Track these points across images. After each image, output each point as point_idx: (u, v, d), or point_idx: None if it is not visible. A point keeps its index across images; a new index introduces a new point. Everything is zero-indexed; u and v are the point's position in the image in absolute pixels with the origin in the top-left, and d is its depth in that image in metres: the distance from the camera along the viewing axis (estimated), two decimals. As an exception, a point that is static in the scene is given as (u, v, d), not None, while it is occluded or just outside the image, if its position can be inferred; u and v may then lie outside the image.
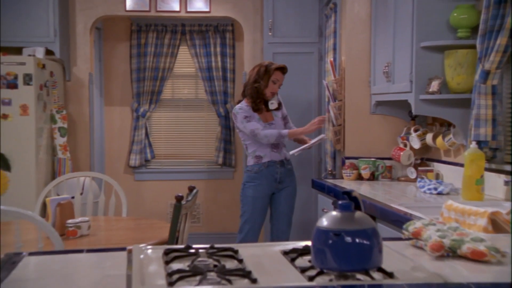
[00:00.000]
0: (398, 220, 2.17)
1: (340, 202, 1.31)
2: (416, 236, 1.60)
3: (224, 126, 5.08)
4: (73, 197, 3.20)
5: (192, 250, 1.50)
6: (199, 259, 1.41)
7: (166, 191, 5.04)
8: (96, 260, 1.48)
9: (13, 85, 3.72)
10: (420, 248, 1.56)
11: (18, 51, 3.99)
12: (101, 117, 5.05)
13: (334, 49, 3.73)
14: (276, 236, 3.49)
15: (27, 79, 3.74)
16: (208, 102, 5.11)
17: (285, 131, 3.36)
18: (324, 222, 1.27)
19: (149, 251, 1.55)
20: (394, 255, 1.44)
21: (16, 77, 3.72)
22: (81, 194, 3.51)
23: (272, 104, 3.42)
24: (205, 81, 5.06)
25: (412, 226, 1.64)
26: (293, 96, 4.39)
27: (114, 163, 5.11)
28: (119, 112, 5.11)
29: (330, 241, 1.21)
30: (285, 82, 4.45)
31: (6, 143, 3.72)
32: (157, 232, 2.57)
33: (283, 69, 3.45)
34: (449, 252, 1.45)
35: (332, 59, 3.71)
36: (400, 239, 1.68)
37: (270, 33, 4.36)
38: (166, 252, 1.50)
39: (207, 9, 4.53)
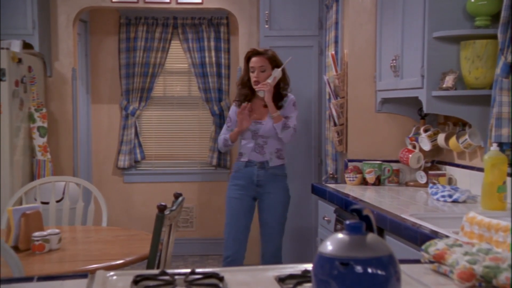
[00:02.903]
0: (411, 234, 1.90)
1: (348, 222, 1.05)
2: (438, 259, 1.35)
3: (219, 125, 4.86)
4: (47, 203, 2.94)
5: (167, 277, 1.25)
6: (175, 289, 1.19)
7: (157, 194, 4.84)
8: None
9: (-16, 81, 3.45)
10: (444, 274, 1.33)
11: (-8, 44, 3.72)
12: (88, 115, 4.82)
13: (336, 41, 3.49)
14: (262, 248, 3.27)
15: (0, 74, 3.46)
16: (202, 100, 4.92)
17: (228, 135, 3.21)
18: (328, 247, 1.02)
19: (114, 277, 1.31)
20: (413, 284, 1.21)
21: (-12, 72, 3.44)
22: (61, 200, 3.23)
23: (260, 93, 3.12)
24: (198, 78, 4.87)
25: (433, 248, 1.39)
26: (292, 93, 4.13)
27: (102, 164, 4.89)
28: (107, 110, 4.90)
29: (336, 272, 0.97)
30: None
31: (-24, 143, 3.45)
32: (137, 246, 2.31)
33: (252, 54, 3.16)
34: (482, 282, 1.21)
35: (333, 52, 3.47)
36: (417, 261, 1.43)
37: (266, 26, 4.12)
38: (136, 281, 1.25)
39: (199, 0, 4.29)
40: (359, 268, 0.95)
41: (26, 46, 3.84)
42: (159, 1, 4.26)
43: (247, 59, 3.18)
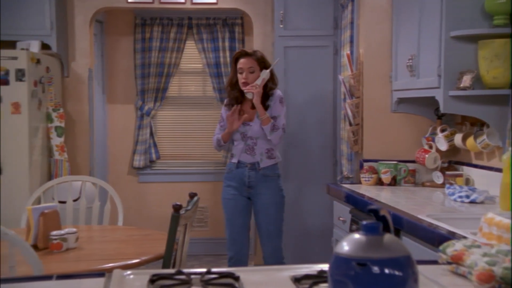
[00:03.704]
0: (427, 235, 1.88)
1: (364, 222, 1.04)
2: (456, 260, 1.34)
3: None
4: (64, 202, 2.97)
5: (184, 276, 1.26)
6: (192, 288, 1.18)
7: (172, 194, 4.85)
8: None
9: (4, 81, 3.50)
10: (462, 276, 1.31)
11: (11, 45, 3.77)
12: (103, 115, 4.86)
13: (351, 41, 3.47)
14: (262, 250, 3.24)
15: (19, 74, 3.51)
16: (216, 100, 4.92)
17: (220, 135, 3.19)
18: (344, 247, 1.01)
19: (131, 277, 1.31)
20: (431, 285, 1.20)
21: (7, 72, 3.50)
22: (77, 199, 3.27)
23: (248, 95, 3.08)
24: (212, 78, 4.87)
25: (451, 249, 1.37)
26: (306, 93, 4.15)
27: (117, 164, 4.92)
28: (122, 110, 4.93)
29: (353, 272, 0.96)
30: (297, 78, 4.25)
31: (-3, 143, 3.50)
32: (152, 246, 2.32)
33: (240, 55, 3.12)
34: (501, 284, 1.20)
35: (349, 52, 3.45)
36: (435, 262, 1.42)
37: (281, 26, 4.12)
38: (152, 280, 1.25)
39: (214, 0, 4.30)
40: (376, 269, 0.94)
41: (44, 46, 3.89)
42: (174, 1, 4.28)
43: (235, 60, 3.13)
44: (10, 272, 1.72)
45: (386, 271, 0.95)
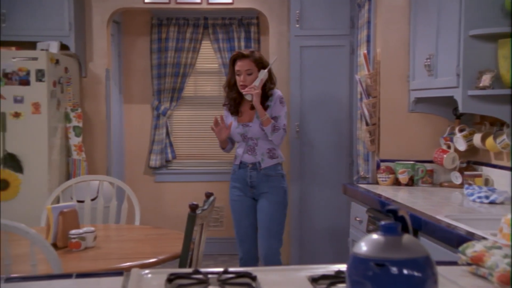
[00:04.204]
0: (446, 236, 1.86)
1: (383, 223, 1.04)
2: (476, 262, 1.33)
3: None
4: (82, 202, 3.00)
5: (201, 276, 1.26)
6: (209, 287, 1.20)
7: (187, 193, 4.87)
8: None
9: (25, 82, 3.55)
10: (483, 277, 1.30)
11: (32, 45, 3.83)
12: (120, 115, 4.89)
13: (368, 41, 3.45)
14: (260, 249, 3.16)
15: (39, 75, 3.56)
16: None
17: (219, 142, 3.22)
18: (363, 248, 1.01)
19: (149, 276, 1.32)
20: (450, 286, 1.20)
21: (28, 73, 3.55)
22: (95, 198, 3.30)
23: (247, 96, 3.04)
24: (228, 78, 4.86)
25: (471, 250, 1.36)
26: (322, 92, 4.13)
27: (134, 163, 4.95)
28: (139, 110, 4.96)
29: (371, 273, 0.96)
30: (313, 78, 4.24)
31: (17, 143, 3.56)
32: (169, 245, 2.33)
33: (237, 57, 3.07)
34: None
35: (365, 51, 3.43)
36: (454, 263, 1.40)
37: (297, 25, 4.11)
38: (170, 279, 1.26)
39: (230, 0, 4.30)
40: (394, 269, 0.94)
41: (63, 47, 3.93)
42: (190, 2, 4.29)
43: (233, 62, 3.09)
44: (32, 271, 1.74)
45: (405, 271, 0.94)
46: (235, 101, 3.12)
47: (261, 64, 3.08)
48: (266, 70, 3.06)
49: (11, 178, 3.55)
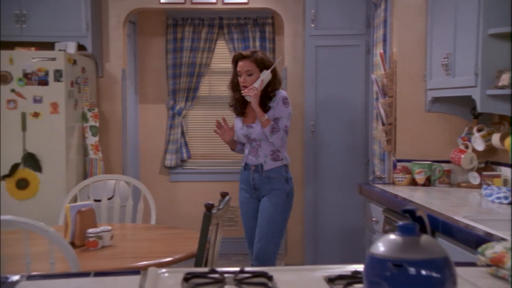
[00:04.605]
0: (464, 237, 1.84)
1: (400, 223, 1.03)
2: (496, 263, 1.31)
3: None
4: (99, 201, 3.03)
5: (217, 275, 1.26)
6: (225, 287, 1.21)
7: (202, 193, 4.89)
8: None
9: (44, 82, 3.60)
10: (503, 278, 1.29)
11: (50, 46, 3.88)
12: (136, 115, 4.92)
13: (384, 40, 3.43)
14: (254, 250, 3.07)
15: (58, 75, 3.60)
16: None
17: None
18: (380, 248, 1.00)
19: (166, 275, 1.32)
20: None
21: (47, 73, 3.60)
22: (111, 197, 3.33)
23: (247, 97, 2.97)
24: (243, 77, 4.86)
25: (490, 251, 1.34)
26: (337, 92, 4.12)
27: (149, 163, 4.98)
28: (154, 110, 4.98)
29: (389, 273, 0.95)
30: (329, 78, 4.22)
31: (36, 142, 3.60)
32: (185, 244, 2.34)
33: (238, 58, 3.00)
34: None
35: (382, 51, 3.41)
36: (473, 264, 1.39)
37: (312, 25, 4.09)
38: (186, 278, 1.26)
39: (245, 0, 4.31)
40: (412, 270, 0.93)
41: (80, 48, 3.97)
42: (206, 2, 4.30)
43: (235, 62, 3.03)
44: (50, 269, 1.76)
45: (423, 272, 0.93)
46: (239, 102, 3.07)
47: (262, 64, 2.99)
48: (268, 71, 2.97)
49: (30, 177, 3.60)
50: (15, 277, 1.25)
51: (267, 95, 2.99)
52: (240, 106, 3.07)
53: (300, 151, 4.32)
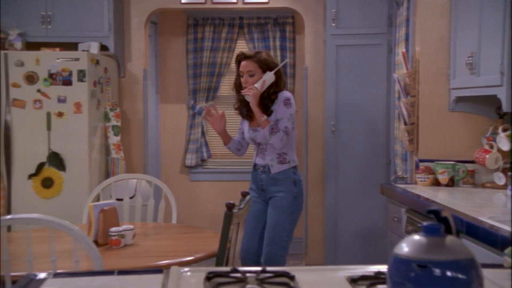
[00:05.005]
0: (490, 238, 1.81)
1: (425, 223, 1.02)
2: (523, 266, 1.27)
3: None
4: (121, 200, 3.06)
5: (239, 275, 1.27)
6: (247, 286, 1.21)
7: (223, 192, 4.90)
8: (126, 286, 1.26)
9: (67, 82, 3.65)
10: (530, 281, 1.23)
11: (74, 46, 3.94)
12: (157, 115, 4.96)
13: (407, 39, 3.39)
14: (263, 253, 3.01)
15: (81, 75, 3.65)
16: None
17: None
18: (404, 248, 1.00)
19: (188, 273, 1.33)
20: None
21: (70, 73, 3.65)
22: (133, 196, 3.36)
23: (246, 97, 2.91)
24: (263, 77, 4.86)
25: (517, 253, 1.31)
26: (358, 92, 4.09)
27: (170, 162, 5.01)
28: (175, 109, 5.01)
29: (413, 274, 0.94)
30: (350, 77, 4.20)
31: (60, 142, 3.66)
32: (206, 243, 2.35)
33: (241, 58, 2.94)
34: None
35: (404, 50, 3.37)
36: (500, 266, 1.37)
37: (333, 24, 4.07)
38: (208, 277, 1.27)
39: (266, 0, 4.31)
40: (437, 271, 0.92)
41: (102, 48, 4.03)
42: (226, 2, 4.32)
43: (238, 62, 2.97)
44: (75, 267, 1.79)
45: (449, 273, 0.92)
46: (243, 104, 2.99)
47: (265, 65, 2.91)
48: (271, 73, 2.90)
49: (55, 176, 3.66)
50: (43, 275, 1.28)
51: (268, 97, 2.92)
52: (245, 108, 2.99)
53: (321, 151, 4.30)
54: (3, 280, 1.76)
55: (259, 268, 1.32)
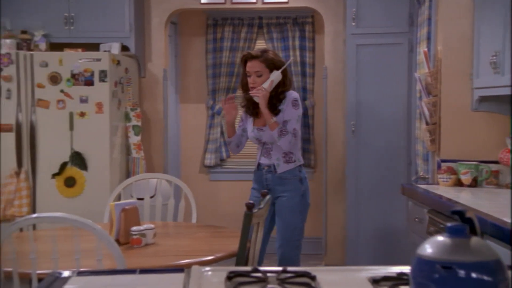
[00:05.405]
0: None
1: (449, 224, 1.01)
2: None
3: (303, 124, 4.84)
4: (142, 199, 3.09)
5: (260, 274, 1.26)
6: (268, 286, 1.20)
7: (242, 192, 4.87)
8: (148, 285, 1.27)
9: (89, 82, 3.70)
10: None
11: (95, 47, 3.99)
12: (176, 114, 4.99)
13: (428, 38, 3.35)
14: (277, 255, 3.01)
15: (102, 75, 3.70)
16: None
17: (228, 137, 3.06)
18: (428, 249, 0.99)
19: (209, 273, 1.33)
20: None
21: (92, 73, 3.70)
22: (153, 196, 3.39)
23: (255, 98, 2.88)
24: (283, 77, 4.85)
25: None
26: (379, 91, 4.06)
27: (189, 162, 5.04)
28: (194, 109, 5.04)
29: (437, 275, 0.93)
30: (370, 77, 4.16)
31: (82, 141, 3.71)
32: (225, 243, 2.35)
33: (247, 58, 2.90)
34: None
35: (426, 49, 3.33)
36: (525, 269, 1.32)
37: (353, 24, 4.05)
38: (229, 277, 1.27)
39: (285, 0, 4.30)
40: (462, 273, 0.91)
41: (123, 48, 4.07)
42: (246, 1, 4.32)
43: (244, 62, 2.93)
44: (98, 265, 1.81)
45: (474, 275, 0.91)
46: (250, 102, 2.97)
47: (272, 65, 2.89)
48: (278, 72, 2.87)
49: (77, 175, 3.71)
50: (67, 273, 1.30)
51: (276, 97, 2.90)
52: (252, 106, 2.97)
53: (341, 151, 4.28)
54: (30, 277, 1.79)
55: (280, 268, 1.32)
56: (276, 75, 2.87)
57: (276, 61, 2.92)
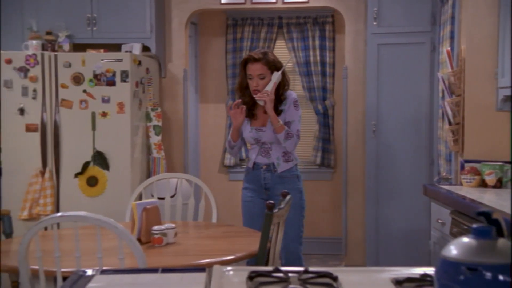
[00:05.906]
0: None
1: (475, 226, 0.99)
2: None
3: (323, 124, 4.83)
4: (162, 199, 3.11)
5: (281, 275, 1.26)
6: (290, 286, 1.20)
7: (262, 192, 4.88)
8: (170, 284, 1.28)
9: (111, 82, 3.74)
10: None
11: (117, 48, 4.04)
12: (196, 114, 5.01)
13: (452, 37, 3.31)
14: (282, 253, 2.96)
15: (124, 76, 3.73)
16: (306, 99, 4.89)
17: (230, 136, 3.04)
18: (453, 251, 0.97)
19: (231, 273, 1.34)
20: None
21: (114, 74, 3.73)
22: (173, 195, 3.41)
23: (260, 102, 2.88)
24: (302, 77, 4.86)
25: None
26: (400, 91, 4.02)
27: (209, 162, 5.06)
28: (214, 109, 5.06)
29: (462, 277, 0.92)
30: (391, 76, 4.12)
31: (104, 141, 3.75)
32: (246, 243, 2.35)
33: (249, 61, 2.91)
34: None
35: (449, 48, 3.29)
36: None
37: (374, 23, 4.01)
38: (251, 276, 1.27)
39: (306, -1, 4.29)
40: (488, 275, 0.90)
41: (144, 49, 4.10)
42: (266, 1, 4.32)
43: (244, 64, 2.94)
44: (120, 264, 1.82)
45: (501, 277, 0.89)
46: (248, 105, 2.97)
47: (274, 66, 2.91)
48: (279, 73, 2.89)
49: (99, 175, 3.75)
50: (90, 271, 1.31)
51: (278, 98, 2.92)
52: (249, 109, 2.98)
53: (362, 151, 4.24)
54: (55, 275, 1.81)
55: (301, 268, 1.31)
56: (277, 77, 2.90)
57: (277, 62, 2.95)
